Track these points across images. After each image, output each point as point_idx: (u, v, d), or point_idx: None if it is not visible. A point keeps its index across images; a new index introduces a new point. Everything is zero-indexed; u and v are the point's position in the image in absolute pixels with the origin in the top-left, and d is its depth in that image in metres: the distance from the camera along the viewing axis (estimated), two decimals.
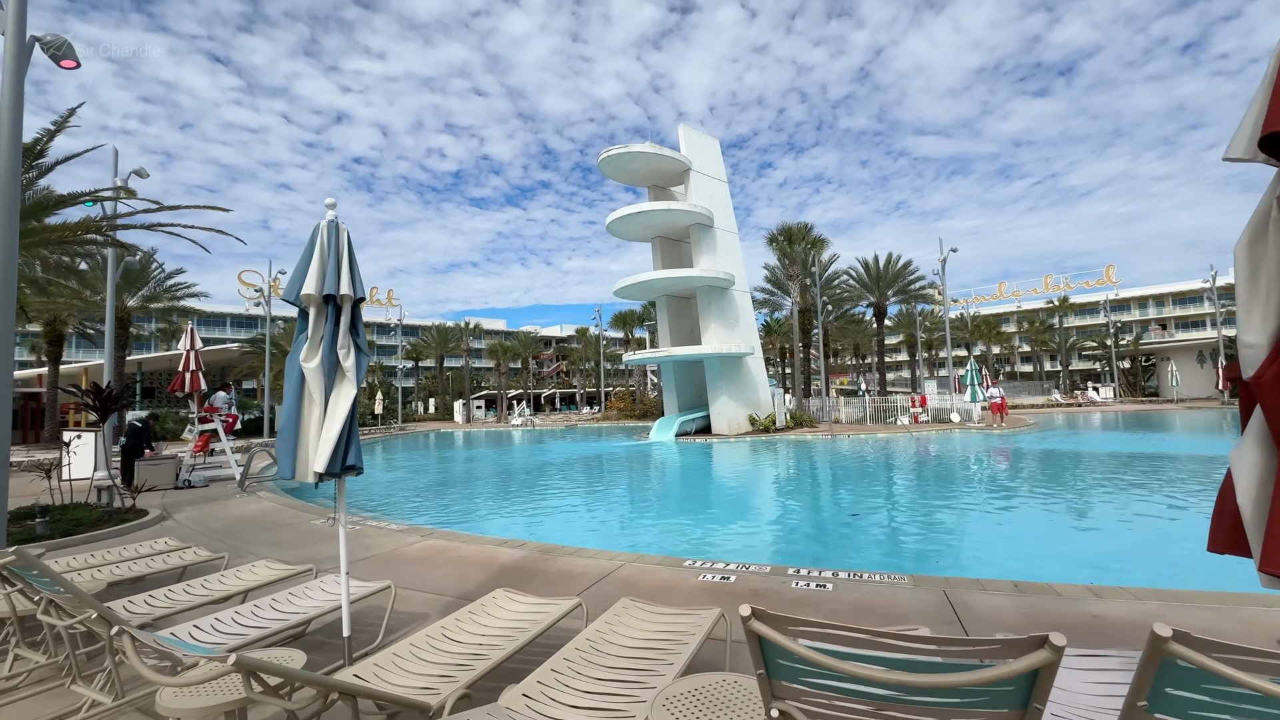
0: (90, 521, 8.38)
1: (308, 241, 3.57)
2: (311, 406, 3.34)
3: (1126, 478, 12.30)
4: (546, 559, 6.11)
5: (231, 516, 9.24)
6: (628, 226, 25.48)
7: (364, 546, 6.96)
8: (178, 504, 10.60)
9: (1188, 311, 73.09)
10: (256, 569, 4.79)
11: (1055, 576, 5.13)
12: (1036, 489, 11.55)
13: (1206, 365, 45.37)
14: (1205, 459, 14.30)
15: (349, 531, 7.63)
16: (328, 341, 3.38)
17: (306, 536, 7.59)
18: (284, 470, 3.26)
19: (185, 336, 13.70)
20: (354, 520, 8.59)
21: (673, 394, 26.91)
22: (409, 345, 57.47)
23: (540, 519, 10.33)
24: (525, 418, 42.58)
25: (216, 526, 8.51)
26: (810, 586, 4.90)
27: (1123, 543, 7.54)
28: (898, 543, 7.99)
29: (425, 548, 6.80)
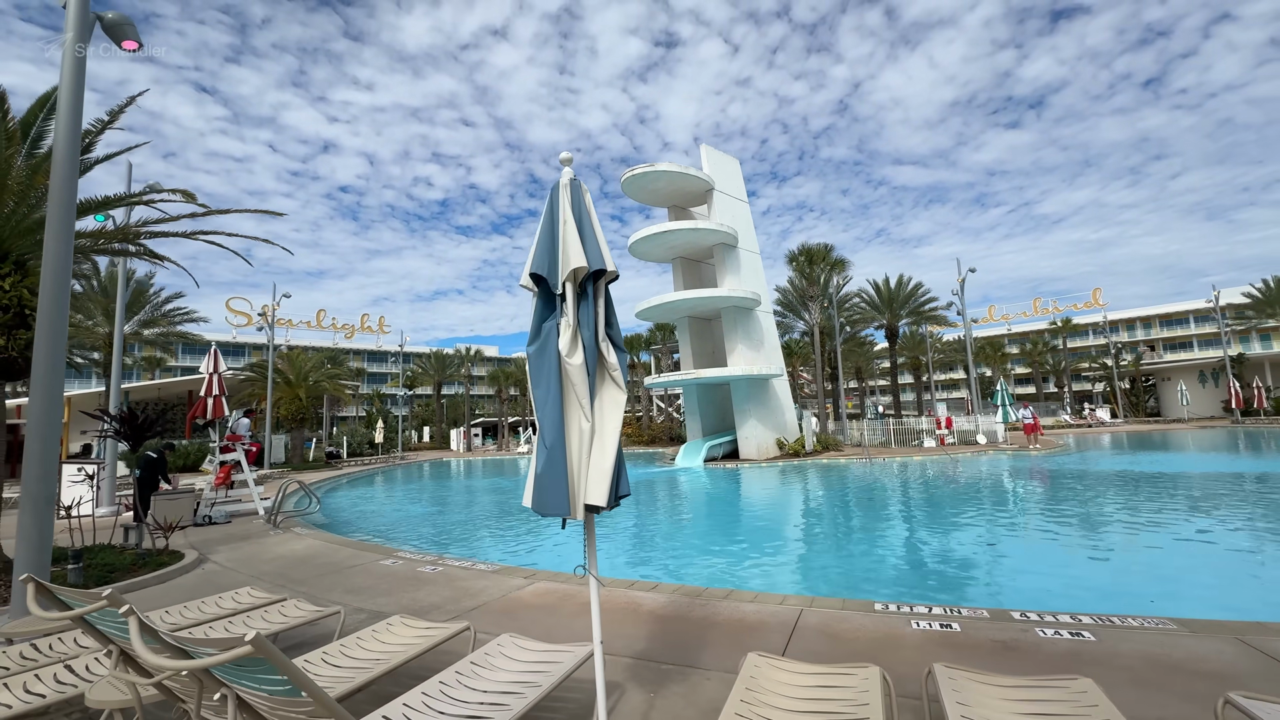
0: (124, 566, 7.28)
1: (546, 208, 2.80)
2: (577, 418, 2.51)
3: (1241, 498, 11.68)
4: (701, 604, 5.21)
5: (279, 557, 8.17)
6: (650, 247, 24.94)
7: (465, 592, 5.99)
8: (207, 543, 9.48)
9: (1175, 333, 74.46)
10: (397, 628, 3.86)
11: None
12: (1167, 512, 10.78)
13: (1208, 385, 45.72)
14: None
15: (433, 573, 6.67)
16: (589, 333, 2.57)
17: (387, 581, 6.58)
18: (549, 506, 2.41)
19: (208, 359, 12.65)
20: (426, 559, 7.58)
21: (696, 418, 26.08)
22: (408, 373, 56.07)
23: (622, 553, 9.37)
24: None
25: (269, 569, 7.45)
26: (1064, 635, 4.08)
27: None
28: (1067, 575, 7.15)
29: (540, 592, 5.85)
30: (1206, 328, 74.24)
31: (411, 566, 7.17)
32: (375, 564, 7.43)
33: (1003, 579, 7.13)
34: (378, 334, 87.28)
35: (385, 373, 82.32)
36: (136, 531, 8.41)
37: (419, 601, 5.73)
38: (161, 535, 8.37)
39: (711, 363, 26.95)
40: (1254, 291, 39.12)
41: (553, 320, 2.60)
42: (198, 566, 7.81)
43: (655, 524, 12.24)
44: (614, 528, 11.84)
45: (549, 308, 2.66)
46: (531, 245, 2.82)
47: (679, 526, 11.84)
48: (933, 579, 7.31)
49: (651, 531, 11.35)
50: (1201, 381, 46.09)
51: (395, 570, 7.05)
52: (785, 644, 4.21)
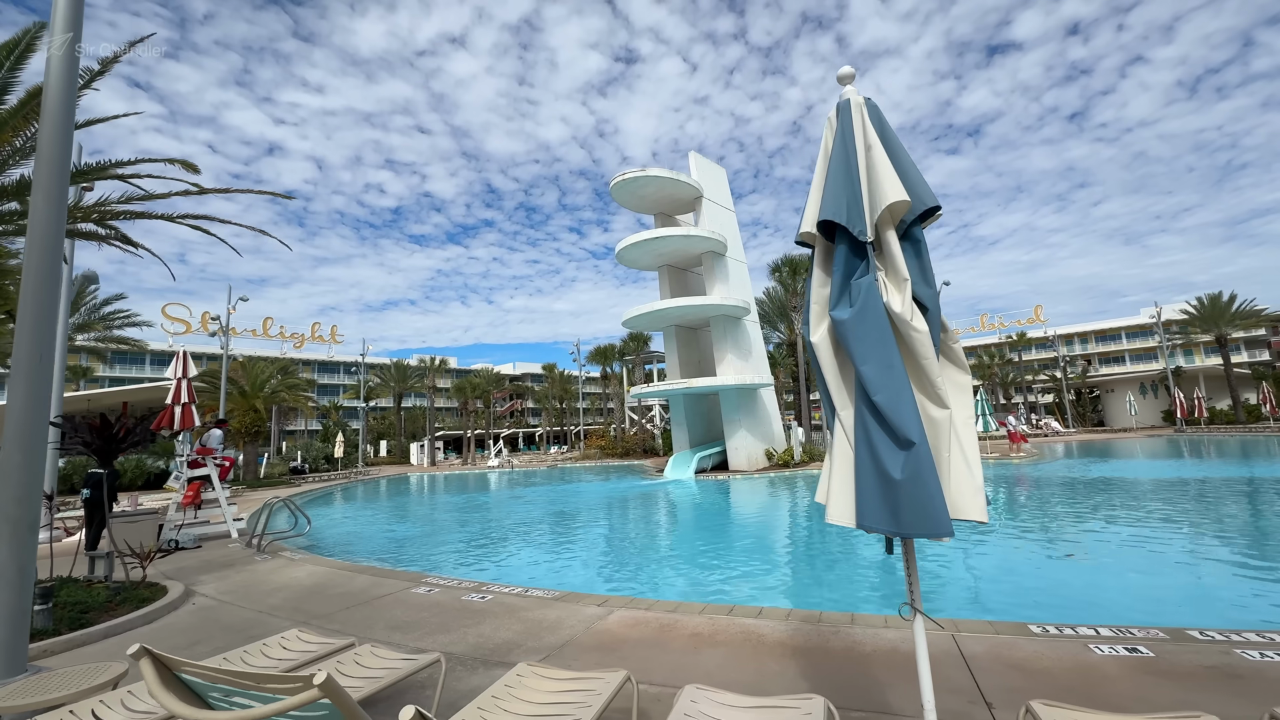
0: (99, 604, 6.07)
1: (828, 139, 2.19)
2: (925, 405, 1.87)
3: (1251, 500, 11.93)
4: (831, 631, 4.58)
5: (283, 587, 7.06)
6: (639, 253, 24.41)
7: (537, 624, 5.16)
8: (183, 571, 8.21)
9: (1109, 348, 79.30)
10: (534, 680, 3.07)
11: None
12: (1202, 518, 10.84)
13: (1148, 396, 48.56)
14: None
15: (483, 603, 5.80)
16: (928, 291, 1.95)
17: (434, 613, 5.66)
18: (915, 523, 1.75)
19: (176, 363, 11.25)
20: (464, 585, 6.66)
21: (683, 429, 25.53)
22: (367, 384, 53.41)
23: (672, 574, 8.63)
24: (503, 458, 39.75)
25: (278, 603, 6.37)
26: (1275, 657, 3.67)
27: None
28: (1169, 587, 6.87)
29: (628, 622, 5.09)
30: (1137, 343, 79.56)
31: (453, 595, 6.26)
32: (406, 593, 6.47)
33: (1120, 590, 6.80)
34: (329, 344, 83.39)
35: (338, 384, 78.38)
36: (105, 561, 7.12)
37: (490, 638, 4.87)
38: (137, 565, 7.12)
39: (698, 372, 26.53)
40: (1190, 309, 41.87)
41: (868, 276, 1.96)
42: (187, 601, 6.63)
43: (686, 540, 11.54)
44: (645, 545, 11.07)
45: (854, 260, 2.02)
46: (812, 191, 2.18)
47: (718, 542, 11.17)
48: (1054, 590, 6.90)
49: (687, 549, 10.64)
50: (1142, 393, 48.91)
51: (436, 600, 6.12)
52: (972, 680, 3.63)
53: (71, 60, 4.54)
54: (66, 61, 4.48)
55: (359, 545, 11.83)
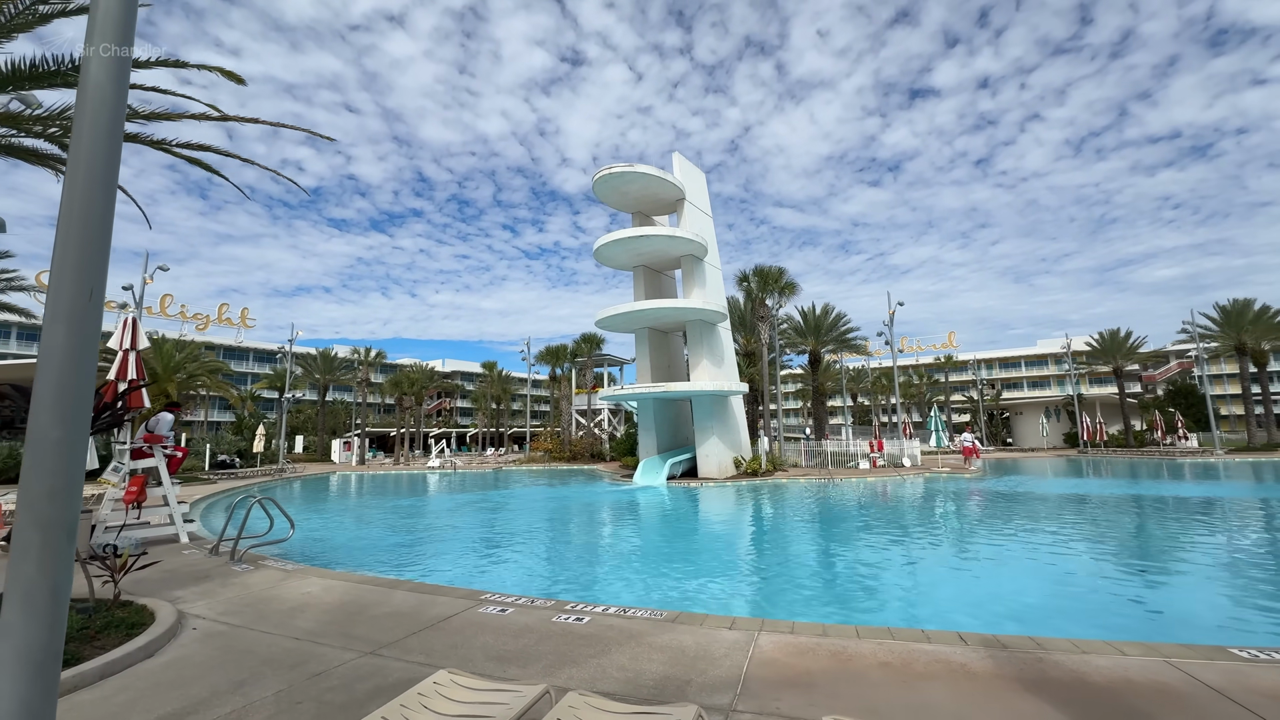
0: (74, 633, 4.64)
1: None
2: None
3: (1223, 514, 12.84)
4: (1032, 660, 4.11)
5: (304, 607, 5.78)
6: (618, 251, 23.66)
7: (679, 654, 4.37)
8: (145, 585, 6.63)
9: (1010, 374, 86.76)
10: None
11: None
12: (1228, 530, 11.46)
13: (1052, 419, 53.23)
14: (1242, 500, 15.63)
15: (584, 626, 4.93)
16: None
17: (536, 641, 4.72)
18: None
19: (122, 331, 9.35)
20: (544, 605, 5.71)
21: (651, 434, 24.92)
22: (272, 373, 48.91)
23: (747, 587, 7.95)
24: (446, 459, 37.39)
25: (313, 627, 5.16)
26: None
27: None
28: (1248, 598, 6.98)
29: (787, 649, 4.40)
30: (1033, 371, 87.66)
31: (537, 616, 5.30)
32: (475, 613, 5.43)
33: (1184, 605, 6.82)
34: (239, 328, 75.96)
35: (246, 372, 71.59)
36: None
37: (641, 672, 4.04)
38: (109, 579, 5.60)
39: (667, 377, 26.06)
40: (1092, 342, 46.40)
41: None
42: (185, 627, 5.24)
43: (726, 550, 10.90)
44: (684, 555, 10.32)
45: None
46: None
47: (766, 553, 10.60)
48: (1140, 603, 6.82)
49: (733, 558, 10.00)
50: (1046, 416, 53.54)
51: (522, 623, 5.15)
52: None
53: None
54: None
55: (343, 554, 10.32)
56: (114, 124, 3.12)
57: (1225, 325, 37.58)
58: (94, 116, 3.06)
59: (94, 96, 3.10)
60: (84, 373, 2.99)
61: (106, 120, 3.08)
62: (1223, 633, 5.72)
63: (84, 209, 3.05)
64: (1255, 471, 25.73)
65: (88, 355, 2.99)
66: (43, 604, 2.82)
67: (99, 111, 3.10)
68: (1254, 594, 7.20)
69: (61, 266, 2.99)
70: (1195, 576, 8.07)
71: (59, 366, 2.88)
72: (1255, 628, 5.85)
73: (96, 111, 3.09)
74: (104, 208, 3.10)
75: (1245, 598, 7.05)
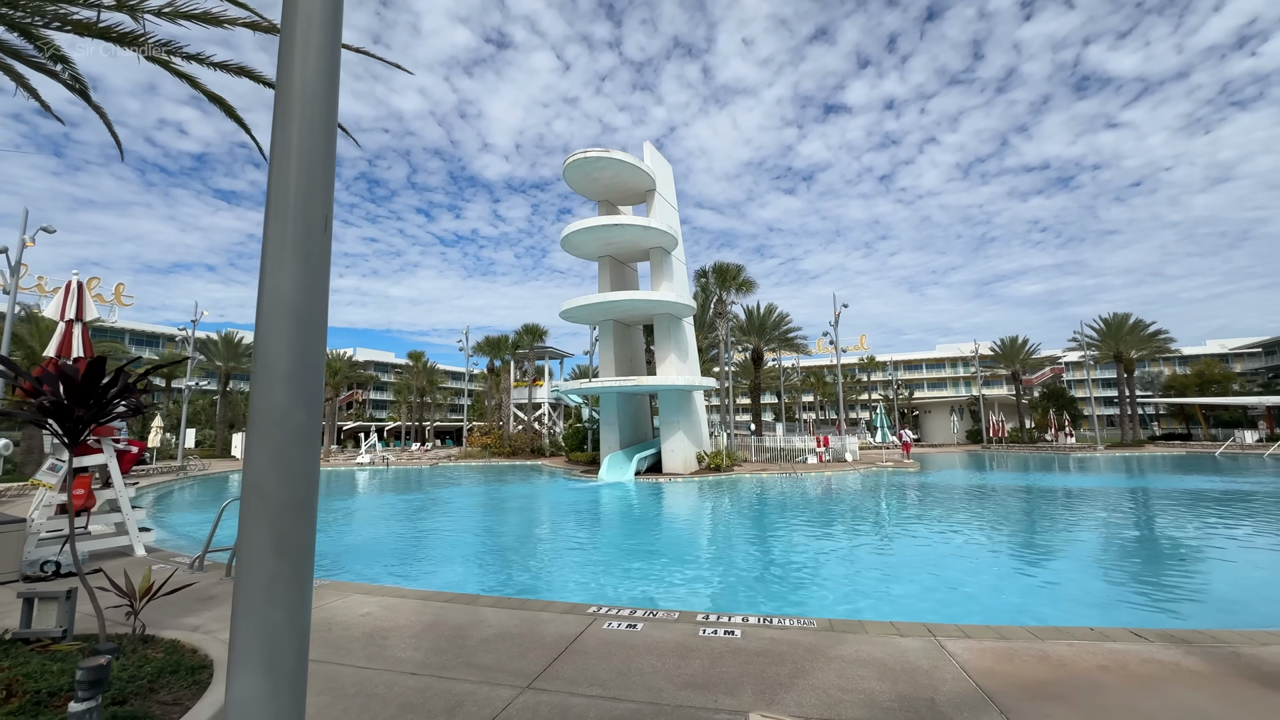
0: (126, 686, 3.51)
1: None
2: None
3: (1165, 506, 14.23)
4: (1231, 653, 4.10)
5: (378, 633, 4.82)
6: (587, 239, 22.81)
7: (886, 668, 3.99)
8: (144, 615, 5.31)
9: (913, 376, 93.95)
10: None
11: None
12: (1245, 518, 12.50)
13: (955, 417, 58.07)
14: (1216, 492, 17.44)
15: (736, 641, 4.46)
16: None
17: (709, 661, 4.15)
18: None
19: (64, 299, 7.57)
20: (667, 616, 5.10)
21: (614, 429, 24.32)
22: (155, 358, 43.31)
23: (859, 592, 7.63)
24: (377, 454, 34.60)
25: (419, 656, 4.28)
26: None
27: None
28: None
29: (992, 654, 4.13)
30: (933, 373, 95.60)
31: (679, 631, 4.71)
32: (600, 630, 4.75)
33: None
34: (113, 305, 66.41)
35: (125, 357, 62.78)
36: (61, 605, 4.24)
37: (873, 697, 3.60)
38: (128, 608, 4.36)
39: (629, 370, 25.55)
40: (995, 348, 51.11)
41: None
42: (204, 677, 4.15)
43: (753, 552, 10.57)
44: (735, 553, 9.88)
45: None
46: None
47: (812, 552, 10.34)
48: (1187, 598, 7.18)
49: (769, 560, 9.69)
50: (951, 414, 58.33)
51: (670, 639, 4.54)
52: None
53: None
54: None
55: (338, 565, 9.02)
56: (332, 44, 2.38)
57: (1106, 336, 42.58)
58: (305, 35, 2.30)
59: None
60: (317, 332, 2.19)
61: (320, 37, 2.34)
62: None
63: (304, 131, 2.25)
64: (1151, 464, 29.26)
65: (320, 310, 2.19)
66: (290, 650, 2.03)
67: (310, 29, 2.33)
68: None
69: (283, 196, 2.18)
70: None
71: (292, 323, 2.06)
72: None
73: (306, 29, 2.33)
74: (326, 124, 2.31)
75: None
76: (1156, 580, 7.74)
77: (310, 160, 2.15)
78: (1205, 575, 7.96)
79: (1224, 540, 10.10)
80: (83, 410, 4.15)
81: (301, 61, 2.16)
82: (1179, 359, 76.79)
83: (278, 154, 2.15)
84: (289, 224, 2.09)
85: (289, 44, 2.18)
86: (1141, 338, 41.97)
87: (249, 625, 1.87)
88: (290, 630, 1.91)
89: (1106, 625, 4.88)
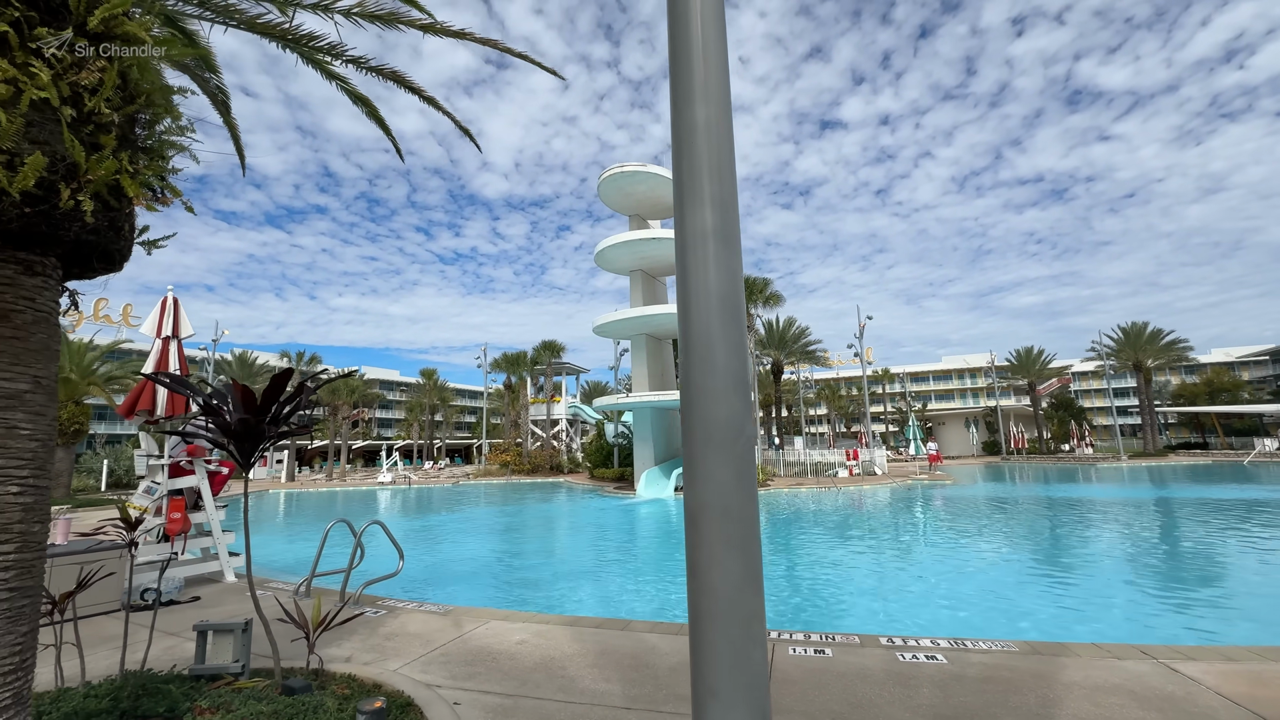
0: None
1: None
2: None
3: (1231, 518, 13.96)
4: None
5: (556, 664, 4.54)
6: (621, 254, 22.73)
7: (1133, 695, 3.72)
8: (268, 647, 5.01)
9: (920, 388, 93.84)
10: None
11: None
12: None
13: (970, 429, 57.82)
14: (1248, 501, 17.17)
15: (947, 670, 4.18)
16: None
17: (955, 690, 3.88)
18: None
19: (160, 315, 7.34)
20: (859, 641, 4.83)
21: (648, 444, 24.01)
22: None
23: (997, 610, 7.34)
24: (399, 473, 34.14)
25: (612, 690, 4.00)
26: None
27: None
28: None
29: (1241, 679, 3.86)
30: (940, 385, 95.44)
31: (873, 657, 4.44)
32: (789, 656, 4.47)
33: None
34: (120, 325, 66.11)
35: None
36: (237, 638, 3.97)
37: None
38: (304, 638, 4.09)
39: (661, 385, 25.31)
40: (1010, 359, 51.08)
41: None
42: (440, 703, 3.87)
43: (859, 569, 10.27)
44: (806, 578, 9.57)
45: None
46: None
47: (913, 568, 10.04)
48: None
49: (878, 577, 9.40)
50: (966, 426, 58.09)
51: (875, 667, 4.26)
52: None
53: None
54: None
55: (445, 584, 8.71)
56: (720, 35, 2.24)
57: (1125, 345, 42.56)
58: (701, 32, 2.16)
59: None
60: (740, 323, 2.01)
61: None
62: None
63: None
64: (1188, 474, 28.97)
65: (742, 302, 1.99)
66: (764, 692, 1.81)
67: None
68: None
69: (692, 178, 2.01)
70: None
71: (723, 317, 1.86)
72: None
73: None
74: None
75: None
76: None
77: (719, 139, 1.97)
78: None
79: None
80: (271, 429, 3.91)
81: (701, 53, 1.99)
82: (1185, 368, 76.99)
83: (683, 139, 1.96)
84: (704, 210, 1.90)
85: (684, 36, 2.00)
86: (1160, 346, 41.96)
87: (732, 668, 1.64)
88: (764, 670, 1.69)
89: (1272, 644, 4.66)
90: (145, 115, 2.94)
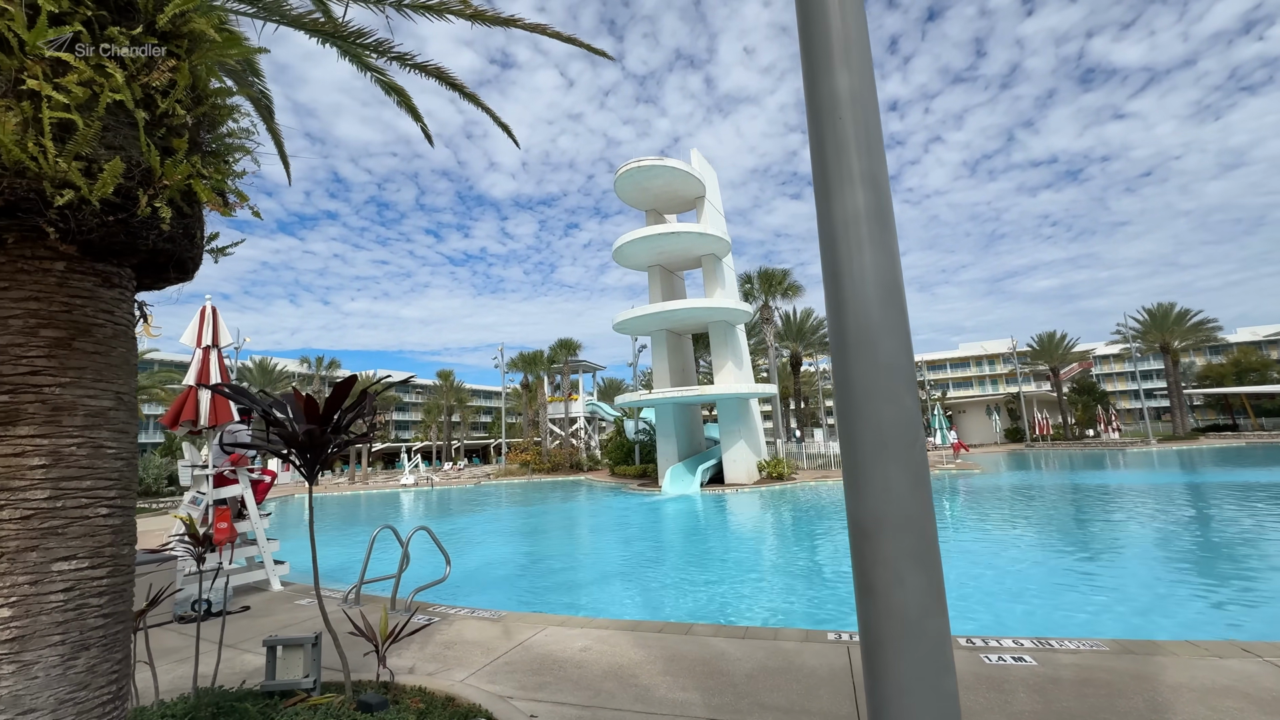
0: None
1: None
2: None
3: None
4: None
5: (627, 673, 4.42)
6: (639, 249, 22.55)
7: (1253, 699, 3.52)
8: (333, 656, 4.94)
9: (937, 376, 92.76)
10: None
11: None
12: None
13: (993, 416, 57.01)
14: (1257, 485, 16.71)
15: (1038, 672, 4.00)
16: None
17: (1055, 694, 3.70)
18: None
19: (200, 325, 7.30)
20: (957, 644, 4.65)
21: (671, 441, 23.88)
22: None
23: (1070, 605, 7.15)
24: (422, 475, 34.33)
25: (693, 699, 3.87)
26: None
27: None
28: None
29: None
30: (957, 372, 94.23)
31: (957, 658, 4.26)
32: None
33: None
34: (140, 335, 67.13)
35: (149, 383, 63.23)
36: (308, 653, 3.89)
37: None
38: (374, 652, 3.99)
39: (681, 380, 25.15)
40: (1032, 344, 50.24)
41: None
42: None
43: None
44: None
45: None
46: None
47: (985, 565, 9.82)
48: None
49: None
50: (988, 414, 57.28)
51: (962, 669, 4.09)
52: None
53: None
54: None
55: (480, 594, 8.65)
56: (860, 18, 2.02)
57: (1151, 327, 41.66)
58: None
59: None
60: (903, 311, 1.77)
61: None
62: None
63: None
64: (1224, 456, 28.30)
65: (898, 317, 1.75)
66: (948, 712, 1.55)
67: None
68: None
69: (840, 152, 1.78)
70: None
71: (883, 306, 1.64)
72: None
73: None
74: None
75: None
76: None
77: (866, 109, 1.81)
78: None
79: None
80: (336, 438, 3.81)
81: (840, 12, 1.82)
82: (1211, 348, 75.27)
83: (823, 112, 1.80)
84: (854, 190, 1.74)
85: (822, 25, 1.82)
86: (1188, 327, 41.01)
87: (924, 702, 1.48)
88: (955, 702, 1.52)
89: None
90: (211, 118, 2.85)
